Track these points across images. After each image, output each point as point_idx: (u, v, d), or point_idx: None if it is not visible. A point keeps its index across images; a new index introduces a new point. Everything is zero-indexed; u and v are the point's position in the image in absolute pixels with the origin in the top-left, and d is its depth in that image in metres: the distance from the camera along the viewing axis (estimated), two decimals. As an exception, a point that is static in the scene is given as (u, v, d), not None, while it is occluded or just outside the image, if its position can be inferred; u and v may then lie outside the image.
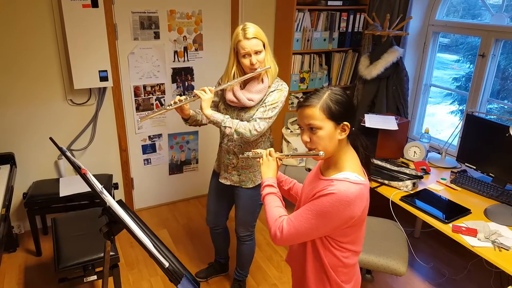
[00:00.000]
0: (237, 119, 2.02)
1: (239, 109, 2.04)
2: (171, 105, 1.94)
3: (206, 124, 2.18)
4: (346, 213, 1.20)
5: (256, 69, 1.91)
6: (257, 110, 1.99)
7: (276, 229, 1.29)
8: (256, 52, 1.90)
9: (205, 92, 1.92)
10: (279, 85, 2.02)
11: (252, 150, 1.52)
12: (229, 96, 2.01)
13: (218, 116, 1.96)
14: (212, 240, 2.61)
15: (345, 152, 1.31)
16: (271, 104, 1.97)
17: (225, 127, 1.95)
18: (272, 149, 1.49)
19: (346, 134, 1.27)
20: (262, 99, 1.99)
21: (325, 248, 1.32)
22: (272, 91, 2.00)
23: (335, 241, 1.30)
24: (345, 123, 1.25)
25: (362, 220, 1.29)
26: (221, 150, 2.21)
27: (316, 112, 1.24)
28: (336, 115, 1.24)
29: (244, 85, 2.02)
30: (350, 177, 1.24)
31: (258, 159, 1.52)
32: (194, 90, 1.96)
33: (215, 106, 2.16)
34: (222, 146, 2.16)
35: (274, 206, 1.36)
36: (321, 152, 1.26)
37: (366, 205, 1.27)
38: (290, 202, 1.63)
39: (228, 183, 2.20)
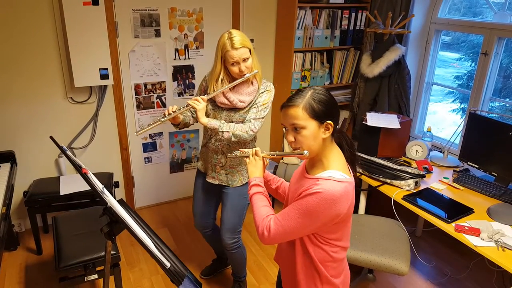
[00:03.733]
0: (226, 119, 2.08)
1: (228, 110, 2.09)
2: (165, 116, 2.00)
3: (193, 124, 2.24)
4: (332, 211, 1.22)
5: (244, 75, 1.99)
6: (250, 111, 2.06)
7: (264, 229, 1.31)
8: (244, 60, 1.97)
9: (198, 102, 1.99)
10: (268, 86, 2.11)
11: (240, 149, 1.53)
12: (221, 99, 2.06)
13: (214, 123, 2.02)
14: (207, 241, 2.62)
15: (330, 151, 1.32)
16: (263, 105, 2.06)
17: (222, 132, 2.00)
18: (258, 148, 1.50)
19: (330, 133, 1.29)
20: (252, 100, 2.07)
21: (313, 244, 1.34)
22: (262, 92, 2.08)
23: (323, 238, 1.32)
24: (328, 122, 1.27)
25: (348, 216, 1.31)
26: (207, 151, 2.22)
27: (299, 112, 1.26)
28: (319, 114, 1.26)
29: (233, 87, 2.07)
30: (335, 175, 1.25)
31: (245, 158, 1.52)
32: (188, 101, 2.03)
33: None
34: (209, 146, 2.19)
35: (261, 206, 1.38)
36: (306, 151, 1.28)
37: (351, 202, 1.29)
38: (278, 201, 1.64)
39: (216, 182, 2.23)
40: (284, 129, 1.34)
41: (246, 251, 2.46)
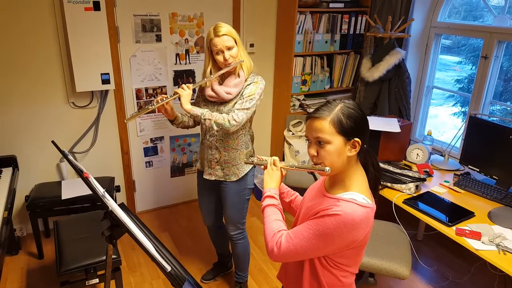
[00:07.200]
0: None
1: (218, 104, 2.13)
2: (153, 104, 2.02)
3: (194, 126, 2.28)
4: (349, 236, 1.15)
5: (230, 64, 2.02)
6: (235, 102, 2.09)
7: (274, 245, 1.23)
8: (228, 48, 2.00)
9: (183, 89, 2.03)
10: (255, 78, 2.12)
11: (257, 156, 1.50)
12: (208, 91, 2.11)
13: (197, 110, 2.05)
14: (211, 239, 2.66)
15: (354, 171, 1.24)
16: (248, 96, 2.06)
17: (204, 119, 2.03)
18: (276, 158, 1.41)
19: (356, 151, 1.21)
20: (239, 92, 2.10)
21: (323, 267, 1.28)
22: (248, 84, 2.11)
23: (333, 261, 1.26)
24: (356, 139, 1.19)
25: (364, 244, 1.24)
26: (203, 147, 2.27)
27: (325, 125, 1.18)
28: (347, 130, 1.18)
29: (222, 80, 2.12)
30: (358, 198, 1.18)
31: (261, 166, 1.46)
32: (174, 89, 2.03)
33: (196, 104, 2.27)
34: (204, 142, 2.24)
35: (273, 219, 1.28)
36: (327, 168, 1.19)
37: (370, 229, 1.22)
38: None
39: (213, 178, 2.26)
40: (306, 141, 1.26)
41: (250, 246, 2.51)
